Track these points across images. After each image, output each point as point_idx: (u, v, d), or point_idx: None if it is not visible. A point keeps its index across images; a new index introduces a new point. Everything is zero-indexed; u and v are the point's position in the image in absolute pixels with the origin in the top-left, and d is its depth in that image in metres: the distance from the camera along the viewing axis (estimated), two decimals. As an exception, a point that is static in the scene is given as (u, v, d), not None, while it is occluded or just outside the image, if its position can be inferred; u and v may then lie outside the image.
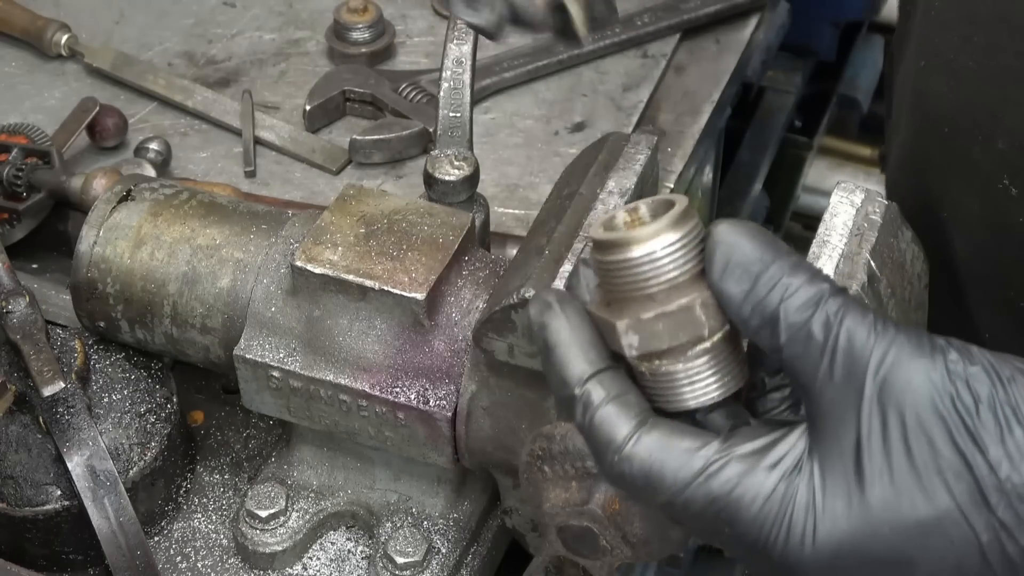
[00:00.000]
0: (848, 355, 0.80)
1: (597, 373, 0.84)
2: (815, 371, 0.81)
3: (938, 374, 0.79)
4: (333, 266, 1.15)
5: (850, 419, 0.80)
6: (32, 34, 1.71)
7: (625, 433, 0.83)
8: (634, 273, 0.85)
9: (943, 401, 0.79)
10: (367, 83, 1.65)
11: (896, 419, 0.79)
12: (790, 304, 0.80)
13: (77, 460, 1.20)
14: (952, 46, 1.16)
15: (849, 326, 0.80)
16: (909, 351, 0.80)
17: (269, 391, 1.20)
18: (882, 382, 0.79)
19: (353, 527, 1.27)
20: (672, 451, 0.82)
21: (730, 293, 0.81)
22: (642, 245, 0.84)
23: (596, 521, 1.02)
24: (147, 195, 1.28)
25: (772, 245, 0.82)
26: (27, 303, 1.26)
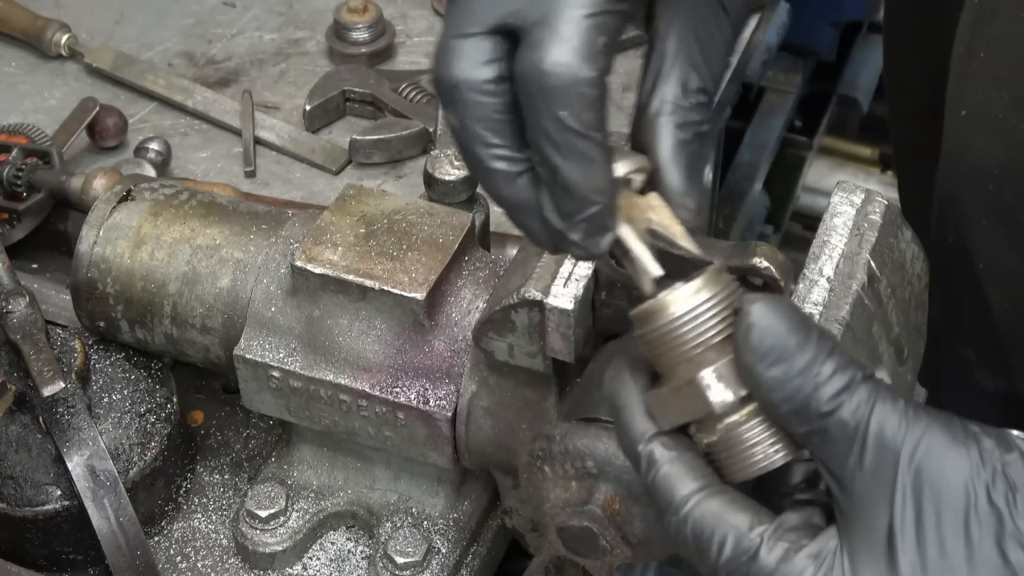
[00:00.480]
0: (879, 443, 0.77)
1: (661, 435, 0.84)
2: (845, 460, 0.78)
3: (973, 462, 0.76)
4: (333, 266, 1.15)
5: (882, 510, 0.77)
6: (32, 34, 1.71)
7: (684, 493, 0.82)
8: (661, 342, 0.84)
9: (978, 491, 0.76)
10: (367, 83, 1.65)
11: (931, 510, 0.77)
12: (822, 394, 0.78)
13: (77, 460, 1.20)
14: (1001, 105, 1.13)
15: (880, 414, 0.78)
16: (942, 439, 0.77)
17: (269, 391, 1.20)
18: (916, 471, 0.77)
19: (353, 527, 1.27)
20: (723, 525, 0.81)
21: (761, 379, 0.79)
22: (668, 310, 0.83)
23: (596, 521, 1.02)
24: (147, 195, 1.28)
25: (804, 327, 0.79)
26: (27, 303, 1.26)
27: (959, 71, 1.20)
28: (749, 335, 0.79)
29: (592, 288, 1.07)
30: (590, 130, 0.83)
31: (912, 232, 1.13)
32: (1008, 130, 1.14)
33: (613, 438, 1.00)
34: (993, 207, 1.17)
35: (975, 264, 1.23)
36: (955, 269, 1.28)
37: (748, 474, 0.83)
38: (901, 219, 1.11)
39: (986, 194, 1.17)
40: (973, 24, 1.17)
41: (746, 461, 0.83)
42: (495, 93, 0.85)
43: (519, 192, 0.87)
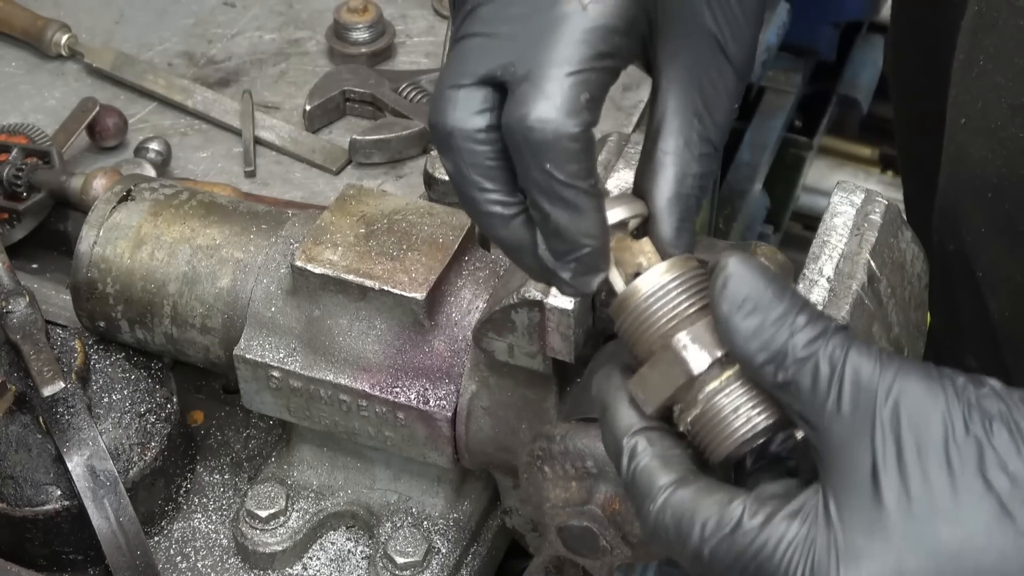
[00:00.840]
0: (855, 386, 0.79)
1: (644, 429, 0.85)
2: (823, 405, 0.79)
3: (948, 396, 0.78)
4: (333, 266, 1.15)
5: (863, 451, 0.78)
6: (32, 34, 1.71)
7: (661, 484, 0.83)
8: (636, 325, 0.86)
9: (955, 422, 0.77)
10: (367, 83, 1.65)
11: (911, 444, 0.78)
12: (797, 340, 0.80)
13: (77, 460, 1.20)
14: (1000, 113, 1.14)
15: (854, 358, 0.79)
16: (917, 378, 0.79)
17: (269, 391, 1.20)
18: (893, 408, 0.78)
19: (353, 527, 1.27)
20: (702, 504, 0.82)
21: (738, 328, 0.81)
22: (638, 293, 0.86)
23: (596, 521, 1.02)
24: (147, 195, 1.28)
25: (778, 281, 0.81)
26: (27, 303, 1.26)
27: (959, 79, 1.20)
28: (726, 286, 0.81)
29: (592, 288, 1.07)
30: (576, 180, 0.86)
31: (912, 232, 1.13)
32: (1007, 139, 1.14)
33: (613, 438, 1.00)
34: (992, 215, 1.18)
35: (975, 272, 1.23)
36: (955, 277, 1.28)
37: (734, 441, 0.84)
38: (901, 219, 1.11)
39: (985, 202, 1.17)
40: (973, 33, 1.17)
41: (729, 429, 0.84)
42: (487, 141, 0.88)
43: (513, 233, 0.89)
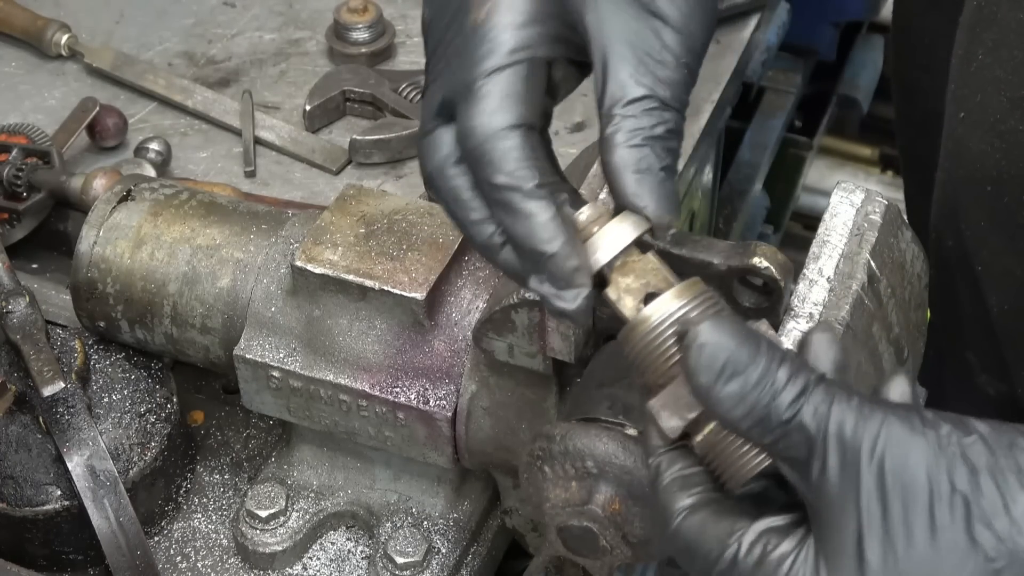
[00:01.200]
0: (840, 444, 0.77)
1: (667, 451, 0.85)
2: (810, 464, 0.78)
3: (932, 450, 0.76)
4: (333, 266, 1.15)
5: (849, 512, 0.77)
6: (32, 34, 1.71)
7: (675, 508, 0.84)
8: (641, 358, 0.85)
9: (940, 479, 0.76)
10: (367, 83, 1.65)
11: (897, 504, 0.77)
12: (780, 401, 0.78)
13: (77, 460, 1.20)
14: (999, 107, 1.13)
15: (837, 413, 0.77)
16: (900, 430, 0.77)
17: (269, 391, 1.20)
18: (878, 467, 0.77)
19: (353, 527, 1.27)
20: (706, 536, 0.82)
21: (719, 397, 0.79)
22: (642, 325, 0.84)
23: (596, 521, 1.02)
24: (147, 195, 1.28)
25: (752, 339, 0.79)
26: (27, 303, 1.26)
27: (958, 74, 1.20)
28: (701, 355, 0.79)
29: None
30: (516, 180, 0.85)
31: (912, 232, 1.13)
32: (1007, 132, 1.14)
33: (613, 438, 1.01)
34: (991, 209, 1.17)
35: (974, 267, 1.22)
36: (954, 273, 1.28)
37: (742, 476, 0.84)
38: (901, 219, 1.11)
39: (984, 196, 1.17)
40: (972, 28, 1.17)
41: (739, 464, 0.83)
42: (459, 174, 0.89)
43: (507, 260, 0.90)
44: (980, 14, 1.16)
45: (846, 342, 1.03)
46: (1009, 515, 0.75)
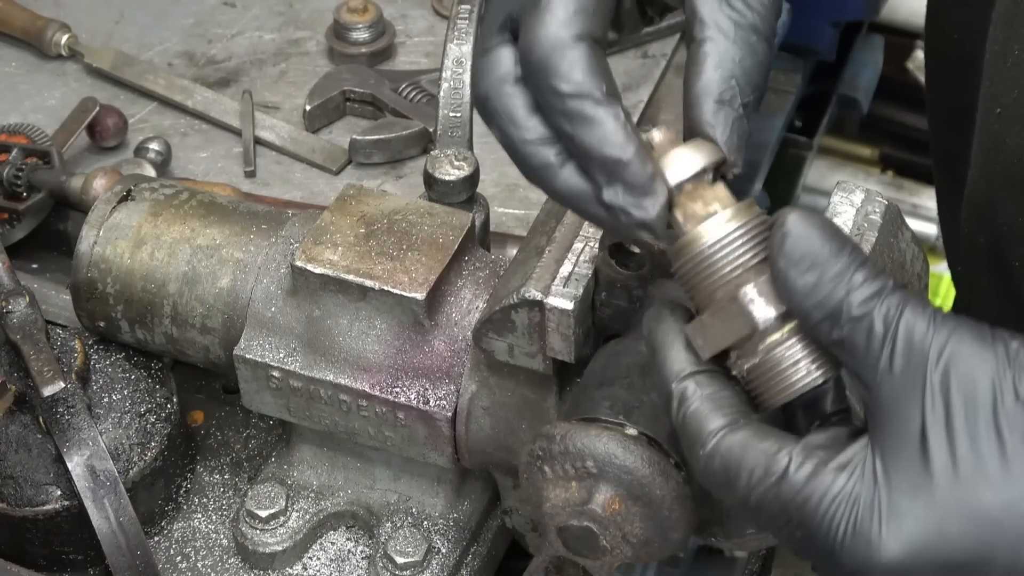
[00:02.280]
0: (908, 346, 0.79)
1: (696, 373, 0.85)
2: (876, 364, 0.79)
3: (1000, 362, 0.78)
4: (333, 266, 1.15)
5: (913, 412, 0.78)
6: (32, 34, 1.71)
7: (711, 429, 0.83)
8: (697, 271, 0.85)
9: (1005, 389, 0.77)
10: (367, 83, 1.65)
11: (960, 409, 0.78)
12: (853, 298, 0.80)
13: (77, 460, 1.20)
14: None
15: (908, 319, 0.79)
16: (970, 340, 0.78)
17: (269, 391, 1.20)
18: (943, 372, 0.78)
19: (353, 527, 1.27)
20: (751, 452, 0.82)
21: (795, 285, 0.81)
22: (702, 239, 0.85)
23: (596, 521, 1.02)
24: (147, 195, 1.28)
25: (838, 238, 0.81)
26: (27, 303, 1.26)
27: (993, 70, 1.20)
28: (784, 243, 0.80)
29: (592, 288, 1.07)
30: (583, 88, 0.84)
31: (912, 232, 1.13)
32: None
33: (613, 438, 1.00)
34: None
35: (1010, 263, 1.22)
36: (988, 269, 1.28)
37: (790, 393, 0.84)
38: (901, 219, 1.11)
39: (1021, 190, 1.17)
40: (1007, 23, 1.17)
41: (787, 380, 0.84)
42: (517, 94, 0.87)
43: (567, 182, 0.88)
44: (1017, 9, 1.16)
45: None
46: None
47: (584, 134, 0.85)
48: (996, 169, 1.21)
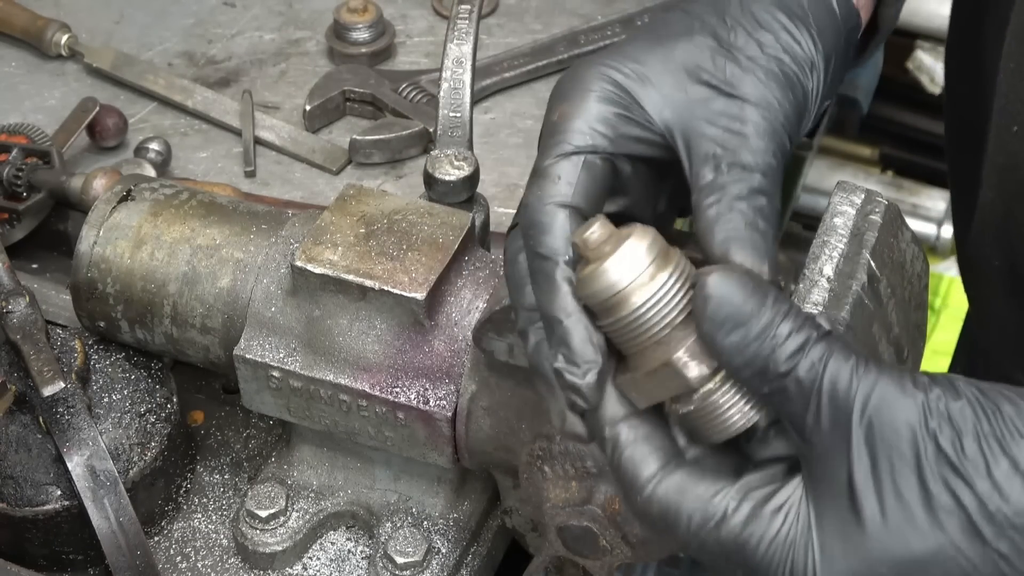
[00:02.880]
0: (832, 400, 0.81)
1: (628, 417, 0.87)
2: (804, 416, 0.82)
3: (919, 412, 0.80)
4: (333, 266, 1.15)
5: (841, 464, 0.81)
6: (32, 34, 1.71)
7: (647, 474, 0.86)
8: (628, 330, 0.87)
9: (926, 439, 0.80)
10: (367, 83, 1.65)
11: (885, 461, 0.81)
12: (779, 355, 0.82)
13: (77, 460, 1.20)
14: None
15: (832, 370, 0.82)
16: (891, 391, 0.81)
17: (269, 391, 1.20)
18: (867, 425, 0.81)
19: (353, 527, 1.27)
20: (688, 496, 0.85)
21: (722, 346, 0.83)
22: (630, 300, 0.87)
23: (596, 521, 1.02)
24: (147, 195, 1.28)
25: (759, 293, 0.83)
26: (27, 303, 1.26)
27: (1009, 88, 1.20)
28: (707, 307, 0.83)
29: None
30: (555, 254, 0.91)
31: (912, 232, 1.13)
32: None
33: (613, 438, 1.00)
34: None
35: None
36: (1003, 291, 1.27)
37: (726, 435, 0.86)
38: (901, 219, 1.11)
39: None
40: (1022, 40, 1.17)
41: (722, 424, 0.86)
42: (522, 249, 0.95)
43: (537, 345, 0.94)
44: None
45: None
46: (991, 479, 0.79)
47: (541, 293, 0.91)
48: (1012, 188, 1.21)
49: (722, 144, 0.94)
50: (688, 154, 0.95)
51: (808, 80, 0.99)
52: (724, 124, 0.95)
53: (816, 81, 0.99)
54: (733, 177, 0.93)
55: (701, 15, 0.99)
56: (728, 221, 0.91)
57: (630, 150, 0.97)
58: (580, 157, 0.94)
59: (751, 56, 0.97)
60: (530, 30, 1.76)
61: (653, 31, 1.00)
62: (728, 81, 0.96)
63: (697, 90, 0.96)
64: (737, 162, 0.93)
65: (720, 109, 0.95)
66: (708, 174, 0.93)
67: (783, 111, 0.96)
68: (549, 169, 0.94)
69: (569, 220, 0.92)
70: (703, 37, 0.98)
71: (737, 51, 0.97)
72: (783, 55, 0.98)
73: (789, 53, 0.98)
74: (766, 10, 0.99)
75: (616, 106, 0.96)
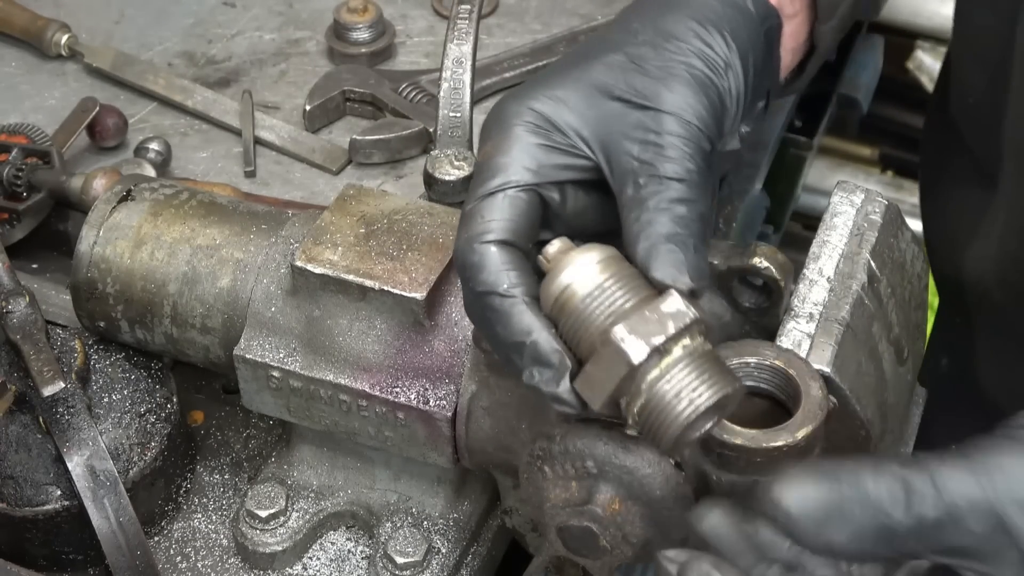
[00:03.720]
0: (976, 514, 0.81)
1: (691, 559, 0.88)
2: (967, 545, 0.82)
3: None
4: (333, 266, 1.15)
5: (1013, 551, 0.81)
6: (32, 34, 1.71)
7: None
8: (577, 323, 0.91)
9: None
10: (367, 83, 1.65)
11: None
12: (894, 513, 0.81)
13: (77, 460, 1.20)
14: None
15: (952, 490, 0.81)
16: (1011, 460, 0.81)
17: (269, 391, 1.20)
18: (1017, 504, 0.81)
19: (353, 527, 1.27)
20: None
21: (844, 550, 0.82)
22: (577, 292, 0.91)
23: (596, 521, 1.02)
24: (147, 195, 1.28)
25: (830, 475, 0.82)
26: (27, 303, 1.26)
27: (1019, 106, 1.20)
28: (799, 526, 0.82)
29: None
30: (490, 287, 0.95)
31: (912, 232, 1.13)
32: None
33: (613, 438, 1.01)
34: None
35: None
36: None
37: (679, 426, 0.88)
38: (901, 219, 1.11)
39: None
40: None
41: (674, 414, 0.88)
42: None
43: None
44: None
45: (846, 342, 1.03)
46: None
47: (494, 325, 0.95)
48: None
49: (639, 157, 0.96)
50: (611, 170, 0.97)
51: (724, 79, 1.00)
52: (640, 136, 0.97)
53: (733, 80, 1.01)
54: (651, 190, 0.95)
55: (612, 37, 1.02)
56: (647, 237, 0.93)
57: (556, 177, 0.99)
58: (501, 193, 0.97)
59: (660, 66, 0.99)
60: (530, 30, 1.76)
61: (568, 58, 1.03)
62: (640, 93, 0.98)
63: (611, 106, 0.98)
64: (656, 174, 0.95)
65: (635, 122, 0.97)
66: (628, 189, 0.96)
67: (697, 115, 0.98)
68: (473, 210, 0.97)
69: (500, 254, 0.95)
70: (615, 55, 1.00)
71: (647, 63, 0.99)
72: (693, 59, 0.99)
73: (700, 57, 1.00)
74: (676, 21, 1.01)
75: (538, 136, 0.98)
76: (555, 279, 0.92)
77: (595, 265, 0.91)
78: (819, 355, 1.01)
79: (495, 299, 0.94)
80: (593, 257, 0.92)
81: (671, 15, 1.01)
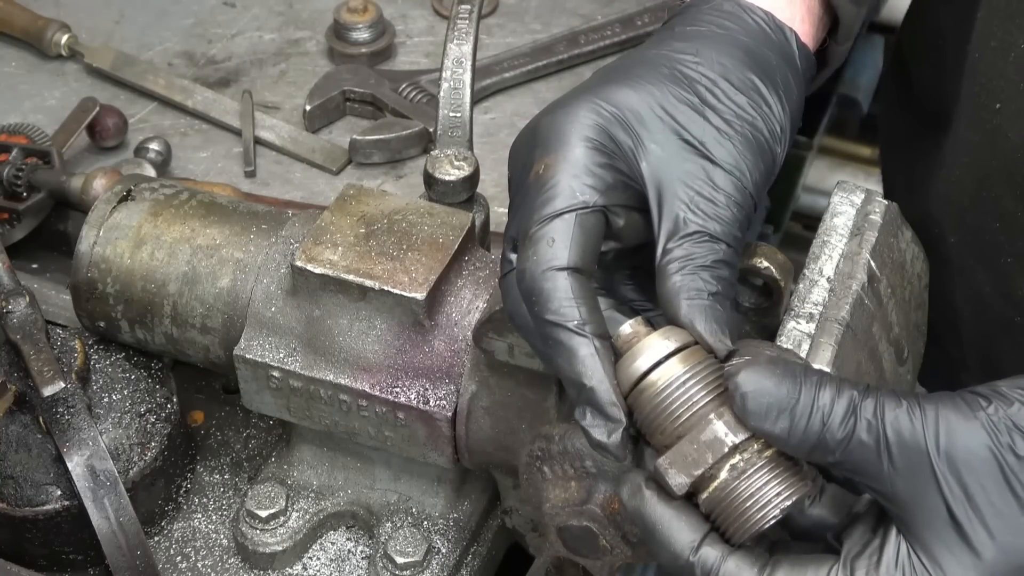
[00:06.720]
0: (903, 447, 0.84)
1: (704, 537, 0.88)
2: (880, 473, 0.84)
3: (987, 430, 0.83)
4: (333, 266, 1.15)
5: (935, 503, 0.83)
6: (32, 34, 1.71)
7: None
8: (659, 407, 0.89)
9: (1004, 452, 0.83)
10: (367, 83, 1.65)
11: (976, 486, 0.83)
12: (832, 424, 0.84)
13: (77, 460, 1.20)
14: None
15: (891, 420, 0.84)
16: (954, 419, 0.83)
17: (269, 391, 1.20)
18: (947, 458, 0.83)
19: (353, 527, 1.27)
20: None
21: (774, 435, 0.85)
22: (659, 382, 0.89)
23: (596, 521, 1.02)
24: (147, 195, 1.28)
25: (790, 373, 0.85)
26: (27, 303, 1.26)
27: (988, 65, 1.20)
28: (746, 403, 0.85)
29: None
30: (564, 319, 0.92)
31: (912, 232, 1.13)
32: None
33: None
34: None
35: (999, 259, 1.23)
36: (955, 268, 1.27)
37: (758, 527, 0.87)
38: (901, 219, 1.11)
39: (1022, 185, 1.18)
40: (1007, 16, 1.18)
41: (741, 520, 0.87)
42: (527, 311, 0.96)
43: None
44: (1020, 5, 1.16)
45: (846, 342, 1.03)
46: None
47: (558, 357, 0.92)
48: (992, 165, 1.21)
49: (692, 206, 0.95)
50: (659, 209, 0.96)
51: (777, 146, 1.01)
52: (697, 187, 0.96)
53: (783, 147, 1.02)
54: (700, 245, 0.94)
55: (679, 64, 1.00)
56: (692, 291, 0.93)
57: (619, 200, 0.97)
58: (572, 215, 0.95)
59: (728, 120, 0.98)
60: (530, 30, 1.76)
61: (631, 73, 1.00)
62: (704, 143, 0.97)
63: (675, 146, 0.97)
64: (706, 230, 0.95)
65: (694, 171, 0.97)
66: (676, 236, 0.95)
67: (753, 180, 0.98)
68: (541, 232, 0.94)
69: (571, 284, 0.93)
70: (682, 90, 0.99)
71: (714, 112, 0.99)
72: (758, 121, 1.00)
73: (762, 118, 1.00)
74: (740, 69, 1.00)
75: (602, 155, 0.97)
76: (629, 364, 0.90)
77: (669, 353, 0.90)
78: (819, 355, 1.01)
79: (563, 332, 0.92)
80: (665, 344, 0.90)
81: (732, 60, 1.00)
